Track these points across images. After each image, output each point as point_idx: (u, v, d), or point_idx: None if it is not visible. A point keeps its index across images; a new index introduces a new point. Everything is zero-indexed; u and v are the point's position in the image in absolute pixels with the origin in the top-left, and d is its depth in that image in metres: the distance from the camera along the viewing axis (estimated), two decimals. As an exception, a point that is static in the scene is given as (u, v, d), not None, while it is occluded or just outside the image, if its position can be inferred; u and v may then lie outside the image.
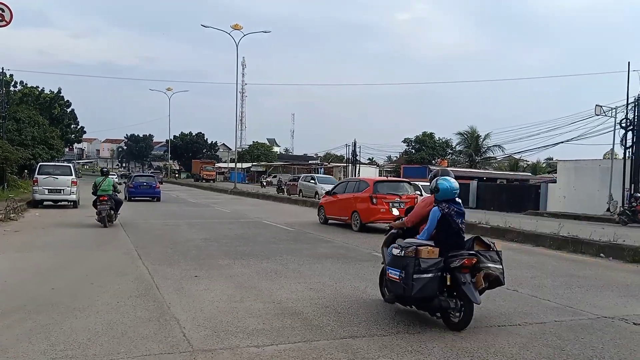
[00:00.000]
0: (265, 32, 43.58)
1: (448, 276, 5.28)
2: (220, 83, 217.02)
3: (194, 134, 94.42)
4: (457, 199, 5.80)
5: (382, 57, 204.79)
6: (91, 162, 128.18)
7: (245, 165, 74.35)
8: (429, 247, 5.33)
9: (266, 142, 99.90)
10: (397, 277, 5.38)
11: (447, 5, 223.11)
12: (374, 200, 14.09)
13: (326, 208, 16.78)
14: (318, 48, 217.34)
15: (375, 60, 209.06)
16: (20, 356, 4.20)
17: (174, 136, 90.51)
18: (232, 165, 59.63)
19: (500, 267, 5.55)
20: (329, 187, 24.71)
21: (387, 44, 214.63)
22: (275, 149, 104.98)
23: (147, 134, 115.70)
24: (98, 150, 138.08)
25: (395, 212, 13.36)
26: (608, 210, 27.64)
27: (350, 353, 4.47)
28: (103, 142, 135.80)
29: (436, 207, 5.65)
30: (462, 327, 5.28)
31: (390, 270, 5.57)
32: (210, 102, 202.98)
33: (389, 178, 21.76)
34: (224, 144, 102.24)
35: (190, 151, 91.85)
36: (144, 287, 6.87)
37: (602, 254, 11.10)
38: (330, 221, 16.66)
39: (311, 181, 32.01)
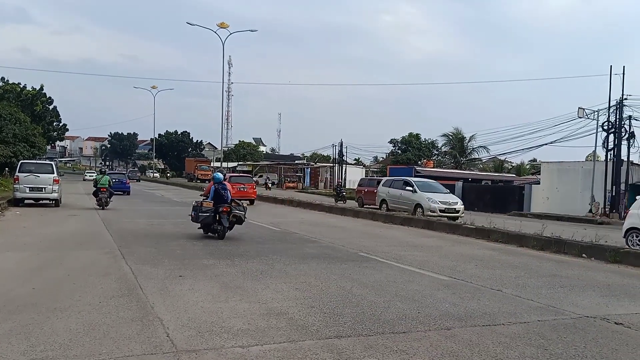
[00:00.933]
0: (251, 30, 43.84)
1: (217, 215, 11.59)
2: (206, 82, 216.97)
3: (179, 132, 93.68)
4: (223, 181, 12.25)
5: (368, 60, 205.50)
6: (74, 160, 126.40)
7: (231, 164, 73.88)
8: (207, 202, 11.78)
9: (252, 141, 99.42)
10: (193, 215, 11.99)
11: (433, 10, 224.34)
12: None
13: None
14: (304, 50, 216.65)
15: (361, 63, 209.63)
16: (-2, 357, 4.12)
17: (159, 135, 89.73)
18: (217, 164, 59.05)
19: (243, 213, 11.95)
20: (437, 197, 20.31)
21: (373, 46, 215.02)
22: (262, 148, 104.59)
23: (132, 132, 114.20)
24: (81, 149, 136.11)
25: (241, 191, 24.43)
26: (590, 211, 28.10)
27: (336, 353, 4.46)
28: (86, 140, 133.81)
29: (213, 185, 12.03)
30: (222, 237, 11.55)
31: (192, 212, 12.11)
32: (196, 101, 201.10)
33: (239, 174, 33.40)
34: (209, 143, 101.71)
35: (176, 150, 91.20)
36: (127, 287, 6.78)
37: (584, 254, 11.26)
38: None
39: (407, 188, 21.08)
